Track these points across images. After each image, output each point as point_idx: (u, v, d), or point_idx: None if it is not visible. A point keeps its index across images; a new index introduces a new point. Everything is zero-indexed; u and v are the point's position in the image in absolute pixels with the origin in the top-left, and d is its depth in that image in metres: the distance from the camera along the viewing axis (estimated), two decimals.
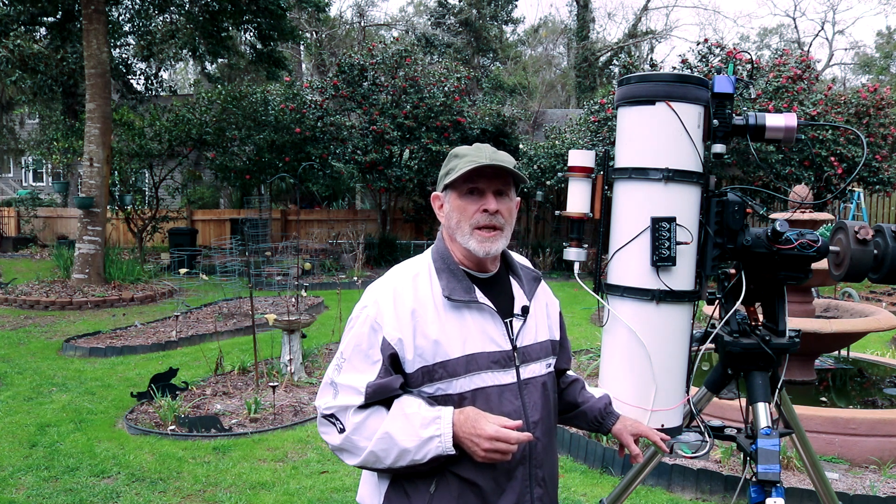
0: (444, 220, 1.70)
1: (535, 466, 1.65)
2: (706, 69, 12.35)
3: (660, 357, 1.89)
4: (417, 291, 1.62)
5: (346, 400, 1.57)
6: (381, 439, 1.53)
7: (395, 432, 1.53)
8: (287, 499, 3.86)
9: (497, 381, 1.62)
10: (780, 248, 2.03)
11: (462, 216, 1.65)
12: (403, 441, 1.52)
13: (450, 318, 1.61)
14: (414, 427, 1.53)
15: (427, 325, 1.59)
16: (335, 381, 1.61)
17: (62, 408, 5.40)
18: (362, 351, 1.59)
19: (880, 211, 15.84)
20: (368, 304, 1.63)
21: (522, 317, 1.70)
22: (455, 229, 1.66)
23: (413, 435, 1.52)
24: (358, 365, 1.59)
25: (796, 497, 3.66)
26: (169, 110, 14.73)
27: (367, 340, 1.59)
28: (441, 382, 1.58)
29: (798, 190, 5.16)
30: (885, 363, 5.92)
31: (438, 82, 14.83)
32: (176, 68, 30.79)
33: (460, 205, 1.65)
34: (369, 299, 1.64)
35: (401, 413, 1.55)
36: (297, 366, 6.08)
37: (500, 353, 1.63)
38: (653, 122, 1.87)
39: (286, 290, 10.32)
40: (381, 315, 1.59)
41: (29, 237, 18.41)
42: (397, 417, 1.55)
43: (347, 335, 1.64)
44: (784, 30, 43.36)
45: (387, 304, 1.60)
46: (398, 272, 1.69)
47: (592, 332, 8.33)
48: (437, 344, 1.58)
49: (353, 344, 1.61)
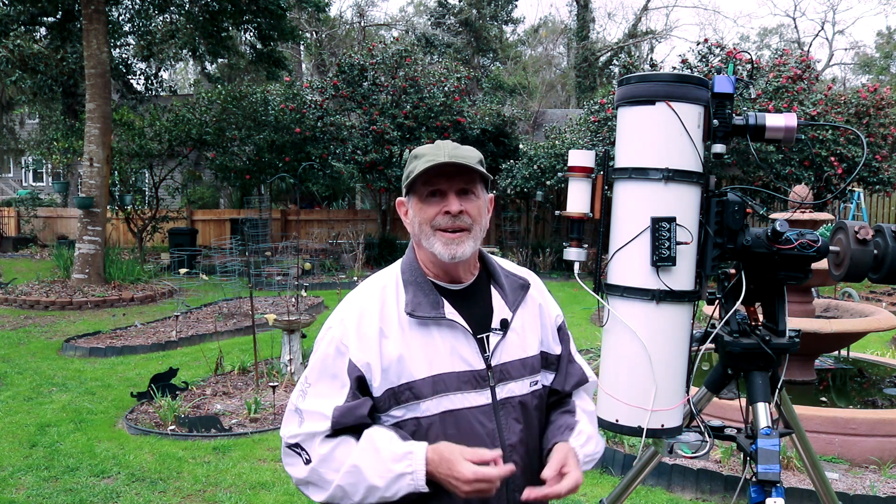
0: (409, 226, 1.60)
1: (512, 490, 1.53)
2: (706, 69, 12.35)
3: (660, 357, 1.89)
4: (384, 307, 1.53)
5: (312, 426, 1.47)
6: (350, 473, 1.43)
7: (364, 466, 1.42)
8: (287, 499, 3.86)
9: (469, 403, 1.50)
10: (780, 248, 2.03)
11: (423, 220, 1.54)
12: (372, 477, 1.42)
13: (414, 335, 1.50)
14: (384, 462, 1.41)
15: (392, 344, 1.49)
16: (300, 407, 1.51)
17: (62, 408, 5.40)
18: (328, 374, 1.50)
19: (880, 211, 15.84)
20: (334, 325, 1.54)
21: (501, 331, 1.57)
22: (419, 235, 1.56)
23: (383, 470, 1.41)
24: (323, 389, 1.49)
25: (796, 497, 3.66)
26: (169, 110, 14.73)
27: (332, 363, 1.50)
28: (408, 405, 1.48)
29: (798, 190, 5.16)
30: (885, 363, 5.92)
31: (438, 82, 14.83)
32: (176, 68, 30.80)
33: (421, 208, 1.54)
34: (335, 319, 1.55)
35: (370, 446, 1.44)
36: (297, 366, 6.08)
37: (470, 372, 1.51)
38: (653, 122, 1.87)
39: (286, 290, 10.32)
40: (346, 336, 1.50)
41: (29, 237, 18.42)
42: (367, 450, 1.44)
43: (313, 357, 1.54)
44: (784, 30, 43.39)
45: (352, 325, 1.51)
46: (366, 287, 1.60)
47: (592, 332, 8.33)
48: (402, 363, 1.48)
49: (319, 367, 1.52)
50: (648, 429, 1.90)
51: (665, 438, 2.00)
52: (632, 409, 1.91)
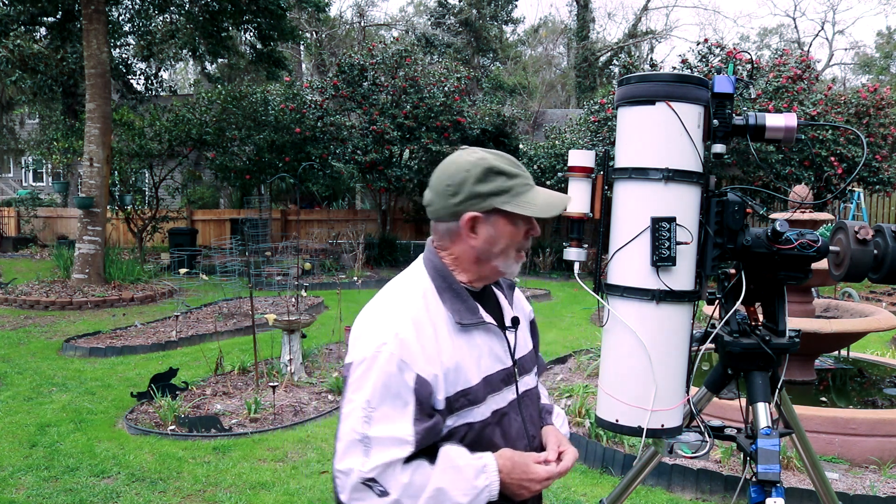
0: (479, 242, 1.51)
1: None
2: (706, 69, 12.35)
3: (660, 357, 1.89)
4: (432, 315, 1.48)
5: (389, 455, 1.36)
6: (432, 497, 1.36)
7: (448, 487, 1.38)
8: (287, 499, 3.86)
9: (507, 401, 1.55)
10: (780, 248, 2.03)
11: (511, 242, 1.53)
12: (457, 496, 1.38)
13: (462, 341, 1.49)
14: (468, 479, 1.39)
15: (448, 352, 1.45)
16: (369, 434, 1.36)
17: (62, 408, 5.40)
18: (391, 394, 1.38)
19: (880, 211, 15.84)
20: (388, 340, 1.41)
21: (514, 328, 1.62)
22: (497, 255, 1.53)
23: (468, 488, 1.39)
24: (390, 412, 1.38)
25: (796, 497, 3.66)
26: (169, 110, 14.73)
27: (395, 381, 1.39)
28: (461, 412, 1.46)
29: (798, 190, 5.16)
30: (885, 363, 5.92)
31: (438, 82, 14.83)
32: (176, 68, 30.80)
33: (513, 231, 1.52)
34: (385, 334, 1.42)
35: (450, 465, 1.39)
36: (297, 366, 6.08)
37: (505, 370, 1.56)
38: (653, 122, 1.87)
39: (286, 290, 10.32)
40: (406, 350, 1.41)
41: (29, 237, 18.42)
42: (447, 470, 1.39)
43: (366, 379, 1.40)
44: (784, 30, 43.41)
45: (410, 337, 1.42)
46: (406, 296, 1.51)
47: (592, 332, 8.33)
48: (458, 371, 1.46)
49: (381, 388, 1.38)
50: (648, 429, 1.90)
51: (665, 438, 2.00)
52: (632, 409, 1.91)
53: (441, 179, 1.52)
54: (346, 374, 1.45)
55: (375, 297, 1.57)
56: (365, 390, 1.39)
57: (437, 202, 1.53)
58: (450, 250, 1.55)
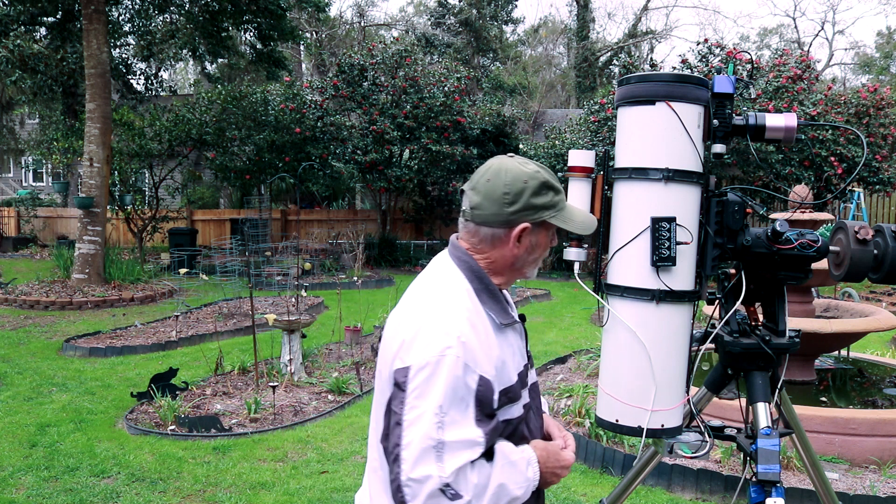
0: (520, 250, 1.56)
1: None
2: (706, 69, 12.35)
3: (660, 357, 1.89)
4: (481, 316, 1.51)
5: (463, 458, 1.37)
6: (495, 493, 1.41)
7: (507, 482, 1.43)
8: (287, 499, 3.86)
9: (528, 395, 1.61)
10: (780, 248, 2.03)
11: (543, 252, 1.62)
12: (514, 489, 1.44)
13: (502, 341, 1.52)
14: (522, 473, 1.46)
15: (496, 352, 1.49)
16: (444, 439, 1.36)
17: (62, 408, 5.40)
18: (458, 397, 1.40)
19: (880, 211, 15.85)
20: (452, 343, 1.41)
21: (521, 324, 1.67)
22: (530, 262, 1.60)
23: (522, 480, 1.46)
24: (459, 416, 1.39)
25: (796, 497, 3.66)
26: (169, 110, 14.73)
27: (461, 385, 1.40)
28: (504, 409, 1.50)
29: (798, 190, 5.16)
30: (885, 363, 5.92)
31: (438, 82, 14.83)
32: (176, 68, 30.81)
33: (547, 242, 1.61)
34: (448, 337, 1.42)
35: (507, 461, 1.44)
36: (297, 366, 6.08)
37: (525, 365, 1.62)
38: (653, 122, 1.87)
39: (286, 290, 10.32)
40: (469, 353, 1.42)
41: (29, 237, 18.41)
42: (504, 466, 1.43)
43: (433, 384, 1.39)
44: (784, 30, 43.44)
45: (472, 340, 1.44)
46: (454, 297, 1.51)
47: (592, 332, 8.33)
48: (504, 369, 1.50)
49: (450, 392, 1.38)
50: (648, 429, 1.90)
51: (665, 438, 2.00)
52: (632, 409, 1.91)
53: (496, 186, 1.53)
54: (403, 379, 1.41)
55: (417, 298, 1.56)
56: (434, 396, 1.38)
57: (489, 208, 1.53)
58: (487, 254, 1.57)
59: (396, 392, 1.42)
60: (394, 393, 1.43)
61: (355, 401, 5.58)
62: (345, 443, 4.69)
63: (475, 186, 1.56)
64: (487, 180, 1.54)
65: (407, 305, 1.55)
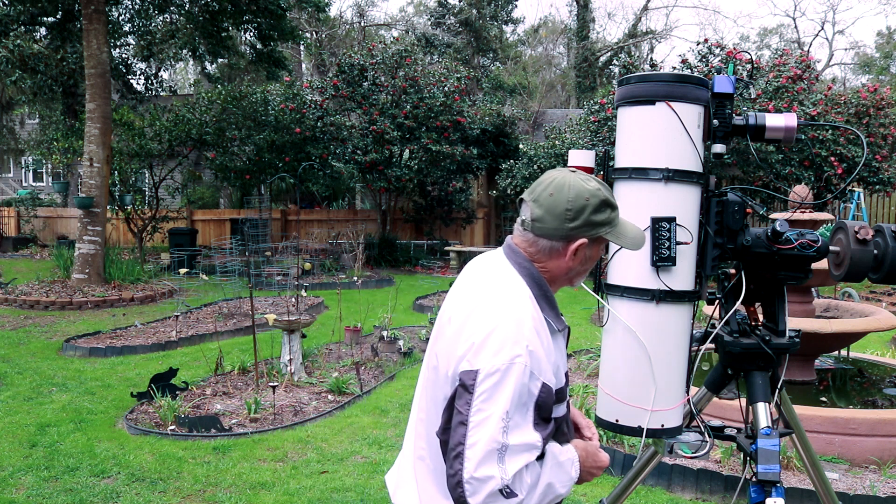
0: (575, 263, 1.63)
1: None
2: (706, 69, 12.35)
3: (660, 357, 1.89)
4: (542, 323, 1.58)
5: (521, 461, 1.45)
6: (543, 492, 1.49)
7: (554, 482, 1.52)
8: (287, 499, 3.86)
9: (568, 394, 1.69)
10: (780, 248, 2.03)
11: (593, 264, 1.69)
12: (560, 488, 1.53)
13: (556, 346, 1.61)
14: (567, 472, 1.56)
15: (553, 357, 1.58)
16: (507, 443, 1.43)
17: (62, 408, 5.40)
18: (522, 403, 1.48)
19: (880, 211, 15.84)
20: (521, 352, 1.48)
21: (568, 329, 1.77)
22: (582, 273, 1.67)
23: (567, 479, 1.55)
24: (521, 420, 1.47)
25: (796, 497, 3.66)
26: (169, 110, 14.73)
27: (526, 391, 1.48)
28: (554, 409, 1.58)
29: (798, 190, 5.16)
30: (885, 363, 5.92)
31: (438, 82, 14.83)
32: (176, 68, 30.80)
33: (597, 255, 1.68)
34: (518, 345, 1.49)
35: (555, 461, 1.54)
36: (297, 366, 6.08)
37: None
38: (653, 122, 1.87)
39: (286, 290, 10.32)
40: (535, 361, 1.49)
41: (29, 237, 18.41)
42: (553, 467, 1.53)
43: (501, 390, 1.45)
44: (784, 30, 43.43)
45: (537, 348, 1.51)
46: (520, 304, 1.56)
47: (592, 332, 8.33)
48: (558, 374, 1.59)
49: (516, 398, 1.46)
50: (648, 429, 1.91)
51: (665, 438, 2.00)
52: (632, 409, 1.91)
53: (559, 202, 1.58)
54: (471, 382, 1.47)
55: (482, 300, 1.58)
56: (501, 401, 1.44)
57: (550, 222, 1.59)
58: (545, 264, 1.63)
59: (462, 392, 1.48)
60: (458, 392, 1.49)
61: (355, 401, 5.58)
62: (345, 443, 4.69)
63: (537, 199, 1.61)
64: (550, 195, 1.59)
65: (472, 306, 1.59)
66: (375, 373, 6.38)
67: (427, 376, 1.67)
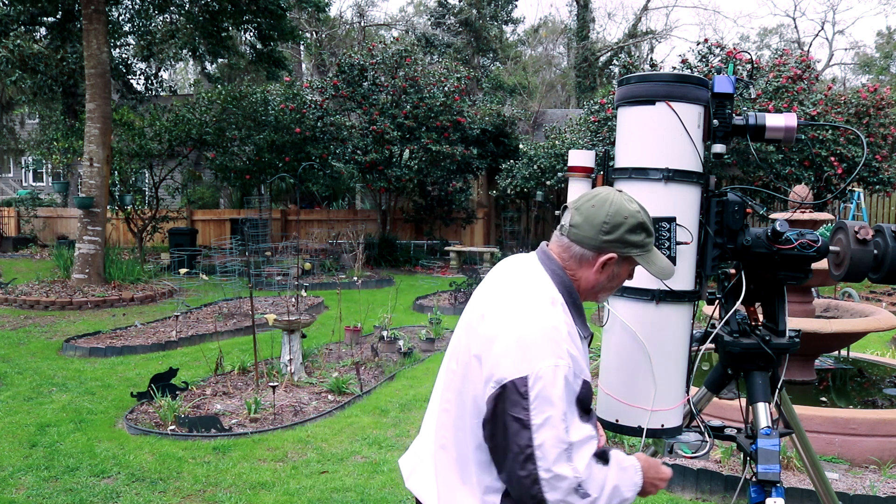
0: (602, 277, 1.70)
1: None
2: (706, 69, 12.35)
3: (660, 357, 1.89)
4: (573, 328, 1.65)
5: (587, 452, 1.54)
6: (610, 494, 1.56)
7: (621, 485, 1.59)
8: (287, 499, 3.86)
9: None
10: (780, 248, 2.03)
11: (621, 282, 1.75)
12: (626, 492, 1.59)
13: (583, 350, 1.68)
14: (631, 477, 1.62)
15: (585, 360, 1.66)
16: (572, 441, 1.52)
17: (62, 408, 5.40)
18: (570, 401, 1.56)
19: (880, 211, 15.84)
20: (563, 356, 1.56)
21: None
22: (608, 289, 1.73)
23: (632, 484, 1.61)
24: (574, 418, 1.56)
25: (796, 497, 3.66)
26: (169, 110, 14.72)
27: (571, 390, 1.57)
28: None
29: (798, 190, 5.16)
30: (885, 363, 5.92)
31: (438, 82, 14.83)
32: (176, 68, 30.80)
33: (625, 275, 1.73)
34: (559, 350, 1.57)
35: (620, 466, 1.61)
36: (297, 366, 6.08)
37: None
38: (653, 122, 1.87)
39: (286, 290, 10.32)
40: (576, 363, 1.58)
41: (29, 237, 18.41)
42: (619, 471, 1.60)
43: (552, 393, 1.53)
44: (784, 30, 43.44)
45: (576, 351, 1.60)
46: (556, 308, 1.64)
47: (593, 332, 8.33)
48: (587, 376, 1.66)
49: (566, 399, 1.54)
50: (648, 429, 1.91)
51: (665, 438, 2.00)
52: (632, 409, 1.91)
53: (598, 214, 1.66)
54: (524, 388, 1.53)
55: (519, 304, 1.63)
56: (557, 404, 1.52)
57: (587, 231, 1.66)
58: (574, 272, 1.70)
59: (514, 397, 1.53)
60: (506, 397, 1.54)
61: (355, 401, 5.57)
62: (345, 443, 4.69)
63: (579, 207, 1.69)
64: (592, 206, 1.67)
65: (509, 309, 1.64)
66: (375, 373, 6.38)
67: (452, 369, 1.71)
